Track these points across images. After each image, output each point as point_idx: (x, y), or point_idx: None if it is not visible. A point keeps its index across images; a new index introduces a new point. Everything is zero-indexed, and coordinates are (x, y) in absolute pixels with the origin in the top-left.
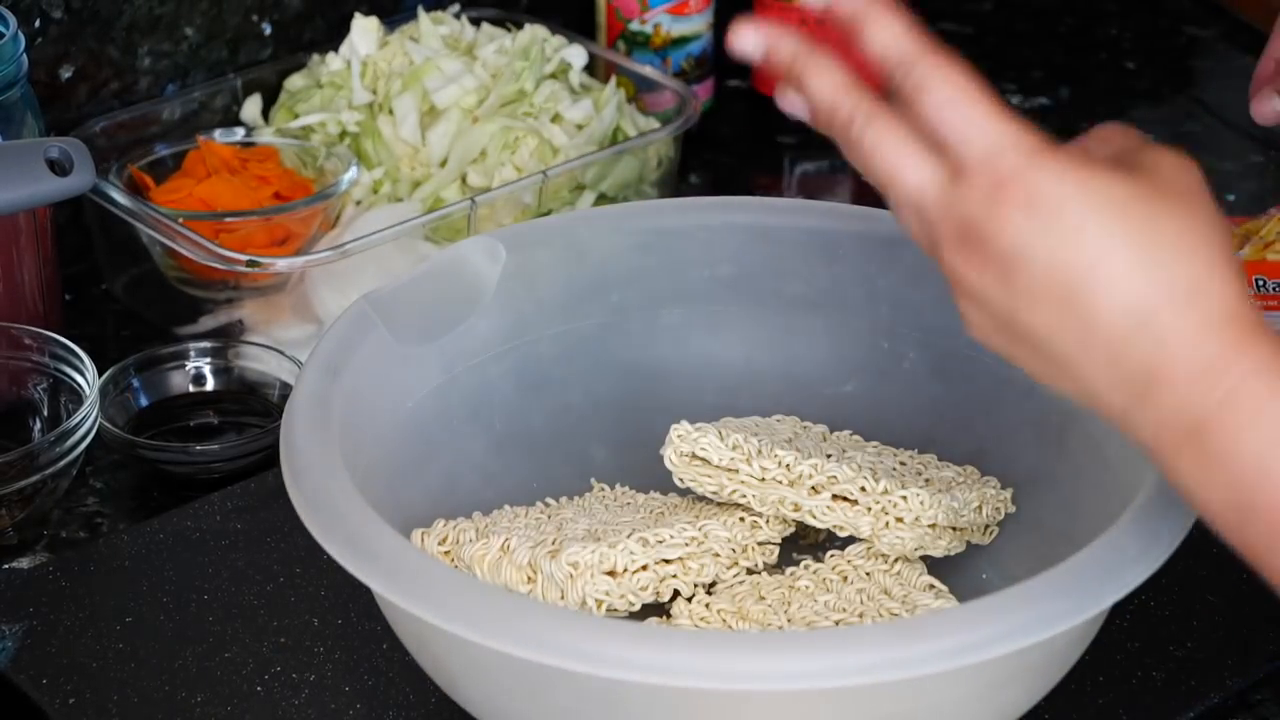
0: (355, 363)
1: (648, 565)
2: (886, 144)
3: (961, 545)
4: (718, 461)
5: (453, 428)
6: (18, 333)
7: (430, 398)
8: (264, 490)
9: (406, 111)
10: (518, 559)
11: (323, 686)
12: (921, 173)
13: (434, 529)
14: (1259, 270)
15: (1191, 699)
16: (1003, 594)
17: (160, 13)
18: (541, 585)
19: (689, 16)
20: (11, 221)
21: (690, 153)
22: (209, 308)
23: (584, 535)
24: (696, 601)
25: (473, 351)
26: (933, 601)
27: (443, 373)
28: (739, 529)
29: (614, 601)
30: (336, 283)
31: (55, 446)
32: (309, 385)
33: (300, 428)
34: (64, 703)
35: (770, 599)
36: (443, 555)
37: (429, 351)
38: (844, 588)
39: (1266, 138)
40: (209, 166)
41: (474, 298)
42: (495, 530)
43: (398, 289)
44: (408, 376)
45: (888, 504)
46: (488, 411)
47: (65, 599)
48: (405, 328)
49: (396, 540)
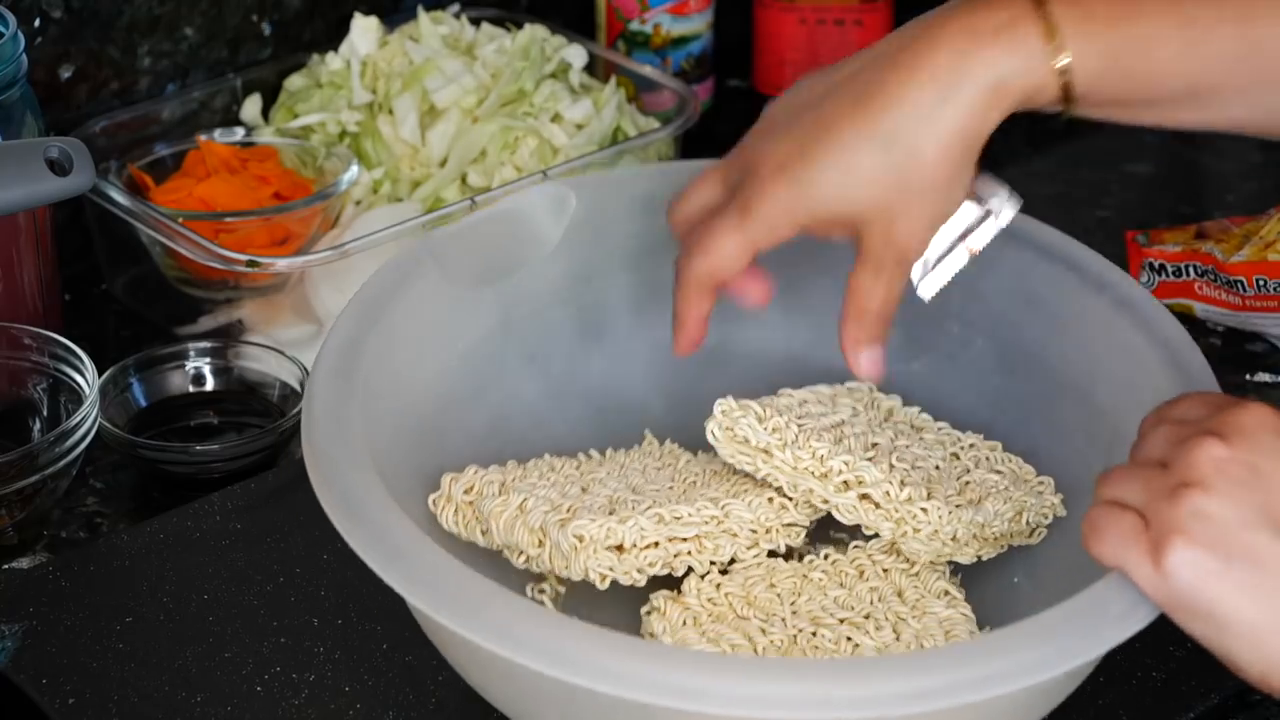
0: (403, 302)
1: (659, 542)
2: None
3: (997, 550)
4: (755, 443)
5: (507, 368)
6: (17, 333)
7: (485, 340)
8: (264, 490)
9: (406, 111)
10: (531, 521)
11: (323, 686)
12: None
13: (464, 475)
14: (1259, 270)
15: (1191, 699)
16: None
17: (160, 13)
18: (549, 551)
19: (689, 16)
20: (11, 221)
21: (690, 153)
22: (209, 308)
23: (602, 505)
24: (708, 581)
25: (535, 295)
26: (943, 610)
27: (501, 314)
28: (765, 510)
29: (618, 576)
30: (336, 283)
31: (55, 446)
32: (342, 331)
33: (320, 393)
34: (64, 703)
35: (781, 587)
36: (466, 505)
37: (486, 294)
38: (858, 584)
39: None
40: (209, 166)
41: (537, 244)
42: (518, 488)
43: (455, 231)
44: (462, 317)
45: (907, 514)
46: (545, 355)
47: (65, 599)
48: (460, 270)
49: (413, 535)
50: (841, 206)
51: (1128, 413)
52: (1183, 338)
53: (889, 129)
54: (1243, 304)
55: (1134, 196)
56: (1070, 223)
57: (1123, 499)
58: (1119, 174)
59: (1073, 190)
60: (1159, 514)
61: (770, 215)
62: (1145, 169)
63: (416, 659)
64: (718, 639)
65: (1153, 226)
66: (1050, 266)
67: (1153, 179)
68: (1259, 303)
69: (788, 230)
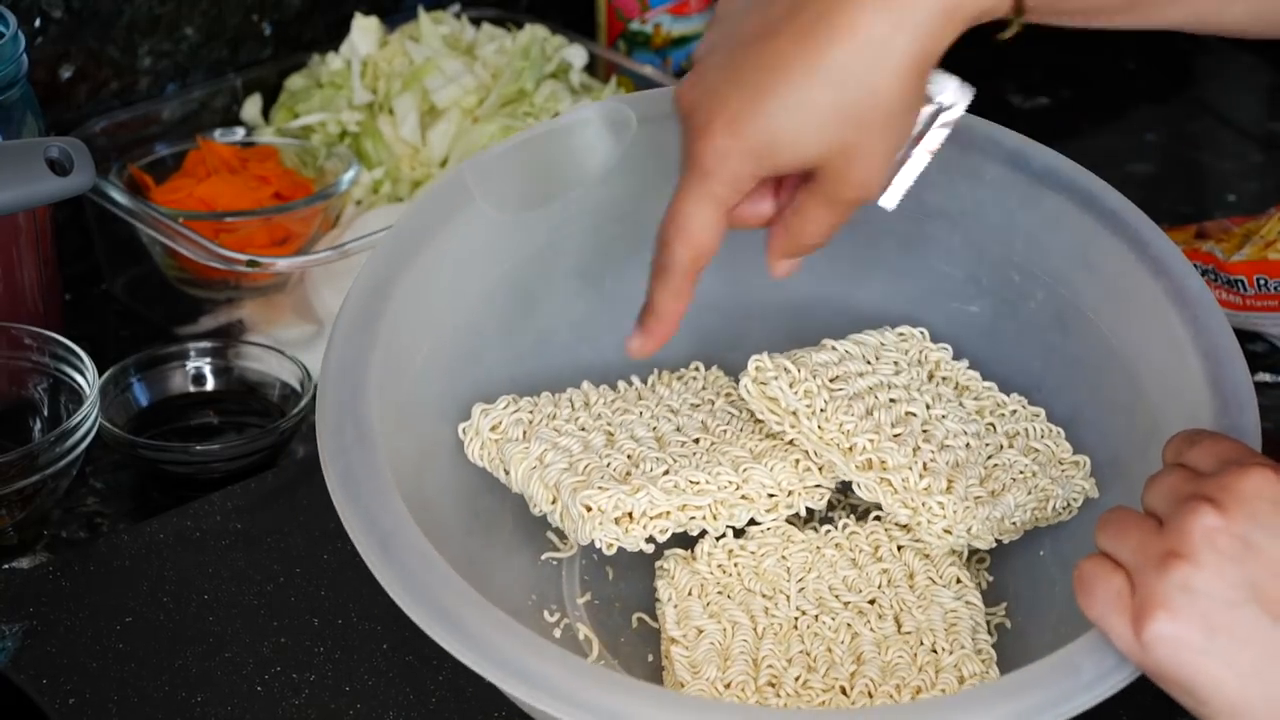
0: (441, 236)
1: (670, 511)
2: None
3: (1018, 535)
4: (785, 406)
5: (556, 285)
6: (18, 333)
7: (532, 259)
8: (264, 490)
9: (406, 111)
10: (548, 478)
11: (323, 686)
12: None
13: (494, 409)
14: (1259, 270)
15: None
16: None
17: (160, 12)
18: (561, 510)
19: (689, 16)
20: (11, 221)
21: None
22: (209, 308)
23: (620, 465)
24: (721, 546)
25: (590, 213)
26: (950, 601)
27: (550, 233)
28: (788, 474)
29: (625, 544)
30: (336, 283)
31: (55, 446)
32: (371, 273)
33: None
34: (64, 703)
35: (793, 561)
36: (492, 442)
37: (535, 215)
38: (869, 564)
39: (1267, 137)
40: (209, 166)
41: (591, 165)
42: (540, 434)
43: (501, 152)
44: (507, 239)
45: (922, 504)
46: (598, 271)
47: (65, 599)
48: (505, 194)
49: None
50: (799, 152)
51: (1169, 409)
52: (1230, 347)
53: (841, 65)
54: (1243, 303)
55: (1134, 196)
56: None
57: (1116, 554)
58: (1119, 174)
59: None
60: (1145, 582)
61: (730, 173)
62: (1145, 169)
63: (416, 659)
64: (720, 614)
65: None
66: (1111, 239)
67: (1153, 179)
68: (1259, 302)
69: (750, 183)
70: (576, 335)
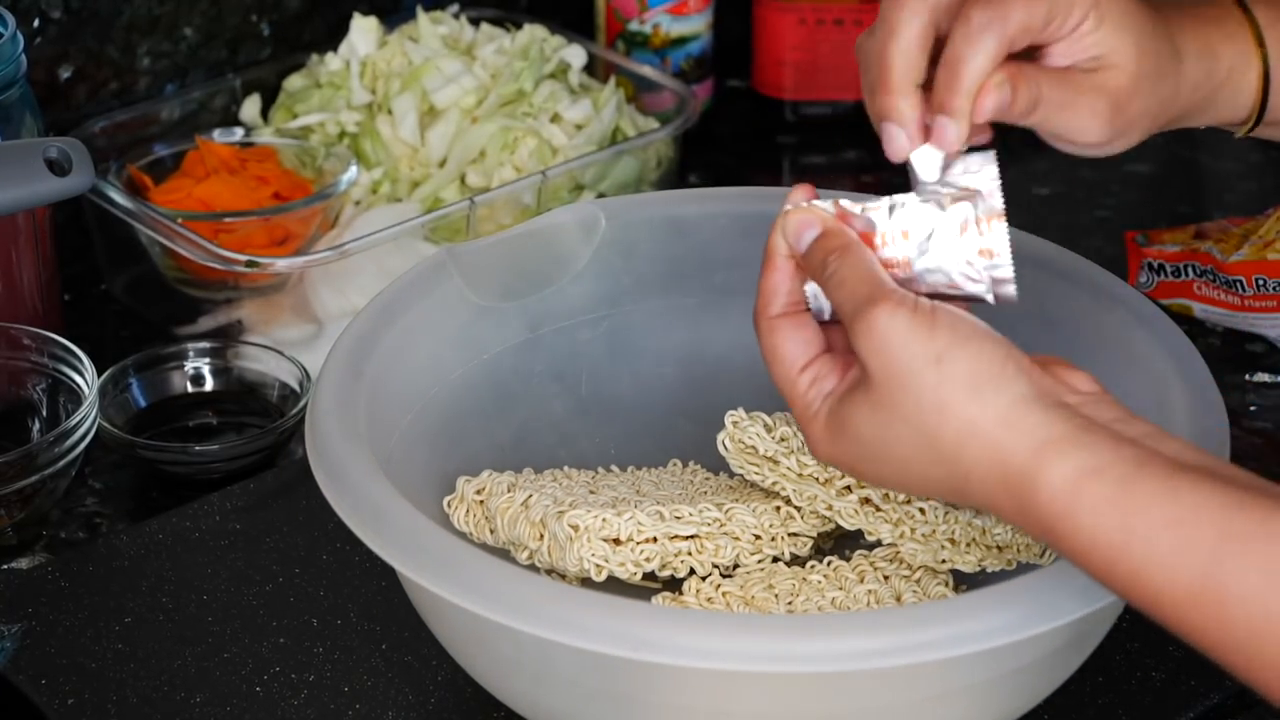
0: (423, 309)
1: (657, 538)
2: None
3: (1003, 564)
4: (762, 451)
5: (533, 385)
6: (17, 333)
7: (511, 353)
8: (263, 490)
9: (406, 111)
10: (533, 515)
11: (322, 686)
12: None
13: (479, 478)
14: (1259, 270)
15: (1191, 699)
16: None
17: (160, 13)
18: (548, 543)
19: (688, 16)
20: (11, 221)
21: (690, 153)
22: (208, 308)
23: (605, 502)
24: (709, 582)
25: (564, 314)
26: None
27: (528, 330)
28: (771, 517)
29: (613, 568)
30: (336, 283)
31: (54, 447)
32: (359, 328)
33: (328, 386)
34: (63, 703)
35: (780, 588)
36: (476, 504)
37: (512, 309)
38: (856, 587)
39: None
40: (208, 166)
41: (565, 263)
42: (525, 486)
43: (481, 246)
44: (486, 330)
45: (905, 515)
46: (574, 373)
47: (64, 599)
48: (485, 284)
49: (400, 506)
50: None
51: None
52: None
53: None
54: (1242, 304)
55: (1134, 196)
56: (1070, 223)
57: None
58: (1119, 174)
59: (1073, 190)
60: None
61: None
62: (1145, 169)
63: (416, 659)
64: None
65: (1152, 226)
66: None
67: (1152, 179)
68: (1258, 303)
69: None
70: (556, 437)
